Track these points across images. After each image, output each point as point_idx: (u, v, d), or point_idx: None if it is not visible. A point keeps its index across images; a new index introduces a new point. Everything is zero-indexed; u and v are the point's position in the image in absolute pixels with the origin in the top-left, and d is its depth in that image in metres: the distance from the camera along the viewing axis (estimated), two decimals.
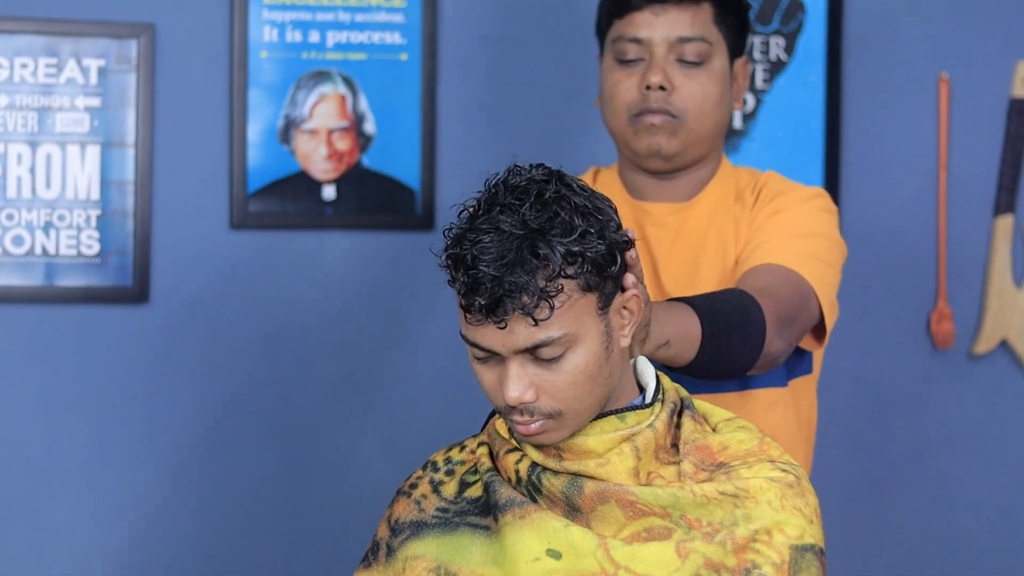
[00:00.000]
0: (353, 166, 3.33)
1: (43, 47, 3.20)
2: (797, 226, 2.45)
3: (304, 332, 3.34)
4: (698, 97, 2.48)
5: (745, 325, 2.21)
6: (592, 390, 1.88)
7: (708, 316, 2.16)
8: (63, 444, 3.24)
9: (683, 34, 2.47)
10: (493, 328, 1.83)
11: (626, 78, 2.51)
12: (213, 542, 3.31)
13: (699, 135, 2.50)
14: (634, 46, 2.50)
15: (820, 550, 1.89)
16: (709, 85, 2.49)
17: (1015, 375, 3.63)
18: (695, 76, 2.49)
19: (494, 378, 1.88)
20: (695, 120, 2.49)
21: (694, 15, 2.48)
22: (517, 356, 1.85)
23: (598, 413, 1.92)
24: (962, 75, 3.58)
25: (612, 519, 1.88)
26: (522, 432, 1.89)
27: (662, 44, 2.48)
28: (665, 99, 2.48)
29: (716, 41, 2.50)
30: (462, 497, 2.00)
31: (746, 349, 2.22)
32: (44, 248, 3.21)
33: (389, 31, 3.34)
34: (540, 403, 1.87)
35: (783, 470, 1.92)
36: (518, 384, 1.85)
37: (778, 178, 2.58)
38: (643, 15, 2.49)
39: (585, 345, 1.86)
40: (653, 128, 2.49)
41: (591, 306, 1.85)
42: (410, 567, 1.96)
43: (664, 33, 2.47)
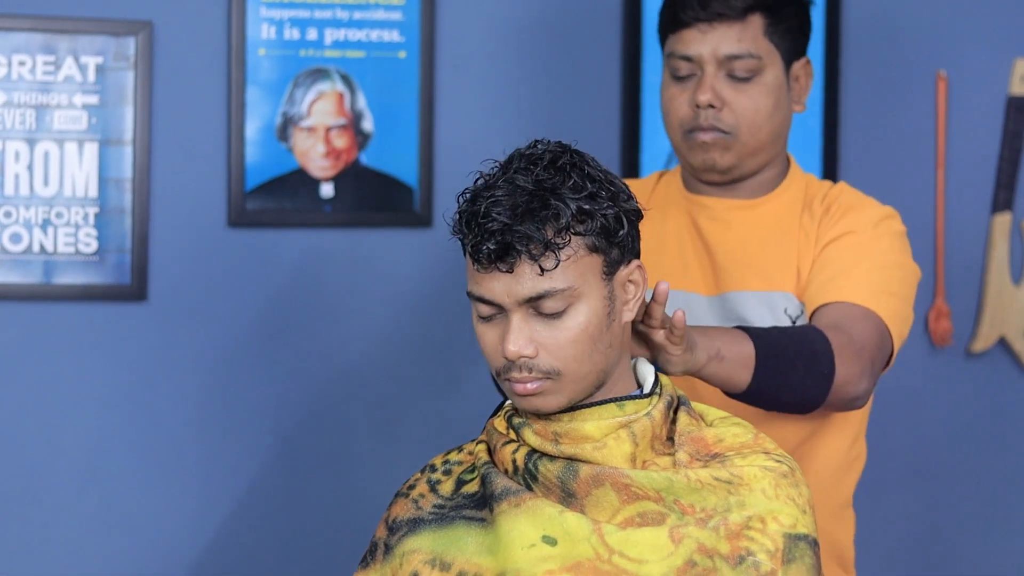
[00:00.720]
0: (351, 164, 3.33)
1: (41, 44, 3.20)
2: (871, 256, 2.43)
3: (302, 330, 3.34)
4: (749, 112, 2.47)
5: (809, 354, 2.20)
6: (591, 353, 1.91)
7: (762, 340, 2.16)
8: (61, 441, 3.24)
9: (731, 51, 2.46)
10: (499, 277, 1.88)
11: (679, 94, 2.51)
12: (210, 540, 3.31)
13: (753, 148, 2.50)
14: (685, 63, 2.49)
15: (813, 540, 1.90)
16: (760, 99, 2.48)
17: (1013, 373, 3.63)
18: (746, 91, 2.47)
19: (496, 337, 1.92)
20: (748, 134, 2.48)
21: (742, 31, 2.46)
22: (520, 309, 1.89)
23: (594, 390, 1.94)
24: (960, 73, 3.58)
25: (606, 503, 1.89)
26: (519, 392, 1.91)
27: (711, 61, 2.47)
28: (716, 116, 2.47)
29: (767, 54, 2.48)
30: (458, 493, 2.01)
31: (812, 378, 2.20)
32: (42, 246, 3.21)
33: (387, 29, 3.34)
34: (539, 360, 1.89)
35: (777, 460, 1.94)
36: (519, 337, 1.89)
37: (850, 191, 2.56)
38: (692, 32, 2.47)
39: (588, 304, 1.90)
40: (705, 145, 2.48)
41: (596, 267, 1.90)
42: (407, 561, 1.97)
43: (712, 49, 2.46)
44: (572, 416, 1.94)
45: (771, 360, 2.16)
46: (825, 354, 2.21)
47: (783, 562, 1.86)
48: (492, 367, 1.94)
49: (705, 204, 2.57)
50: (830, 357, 2.21)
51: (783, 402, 2.23)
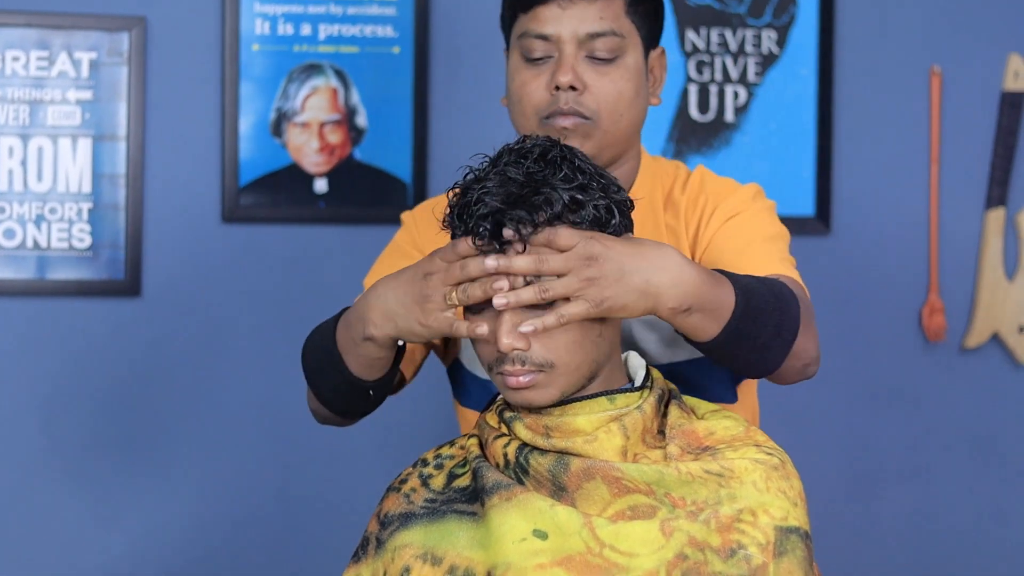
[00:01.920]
0: (345, 159, 3.33)
1: (34, 40, 3.20)
2: (761, 231, 2.30)
3: (296, 325, 3.33)
4: (612, 96, 2.28)
5: (781, 317, 2.06)
6: (583, 344, 1.90)
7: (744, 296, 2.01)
8: (55, 436, 3.24)
9: (593, 29, 2.27)
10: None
11: (533, 78, 2.31)
12: (204, 535, 3.31)
13: (614, 136, 2.31)
14: (541, 43, 2.30)
15: (805, 533, 1.89)
16: (623, 82, 2.29)
17: (1006, 368, 3.63)
18: (607, 73, 2.29)
19: (489, 329, 1.91)
20: (609, 121, 2.29)
21: (604, 7, 2.28)
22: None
23: (586, 383, 1.94)
24: (954, 68, 3.58)
25: (597, 497, 1.89)
26: (511, 386, 1.90)
27: (571, 40, 2.28)
28: (576, 100, 2.27)
29: (629, 34, 2.30)
30: (450, 487, 2.01)
31: (777, 343, 2.06)
32: (36, 241, 3.21)
33: (381, 24, 3.34)
34: (532, 352, 1.89)
35: (768, 453, 1.93)
36: (512, 330, 1.88)
37: (712, 177, 2.40)
38: (549, 9, 2.28)
39: None
40: (565, 132, 2.28)
41: None
42: (398, 556, 1.96)
43: (572, 28, 2.27)
44: (563, 410, 1.93)
45: (747, 320, 2.01)
46: (794, 319, 2.08)
47: (774, 555, 1.86)
48: (484, 361, 1.93)
49: None
50: (796, 321, 2.08)
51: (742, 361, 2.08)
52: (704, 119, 3.50)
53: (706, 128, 3.50)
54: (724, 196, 2.34)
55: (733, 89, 3.51)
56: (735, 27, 3.50)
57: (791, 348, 2.09)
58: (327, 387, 2.20)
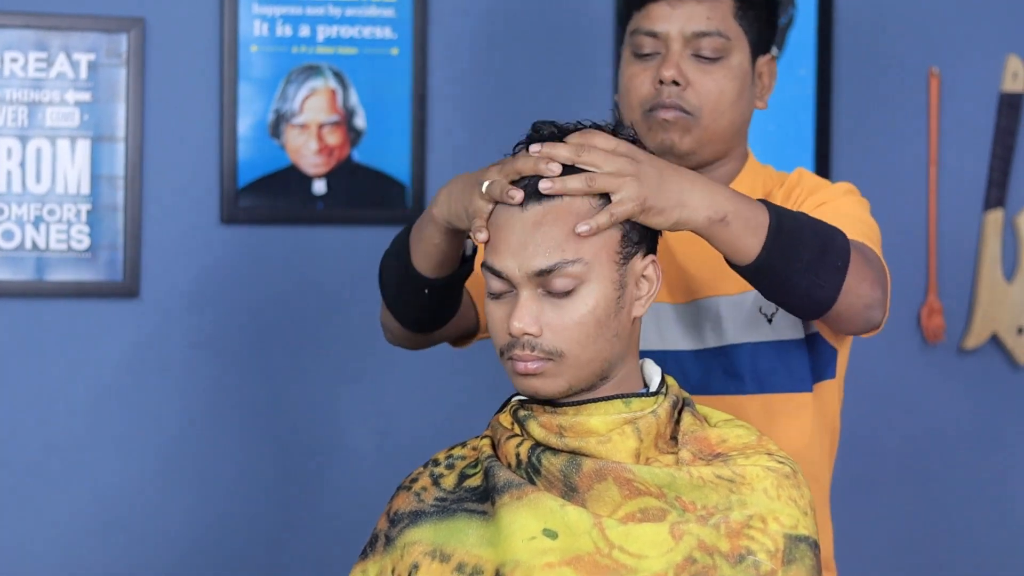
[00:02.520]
0: (343, 161, 3.33)
1: (33, 41, 3.19)
2: (848, 214, 2.33)
3: (295, 327, 3.34)
4: (713, 94, 2.39)
5: (826, 242, 2.06)
6: (596, 338, 1.91)
7: (778, 212, 2.03)
8: (53, 438, 3.24)
9: (699, 28, 2.38)
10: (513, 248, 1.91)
11: (641, 72, 2.43)
12: (204, 536, 3.31)
13: (714, 133, 2.41)
14: (650, 40, 2.41)
15: (814, 543, 1.90)
16: (725, 82, 2.39)
17: (1005, 369, 3.64)
18: (711, 72, 2.39)
19: (503, 314, 1.94)
20: (710, 117, 2.39)
21: (712, 8, 2.39)
22: (529, 285, 1.91)
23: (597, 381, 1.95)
24: (952, 69, 3.59)
25: (608, 498, 1.90)
26: (520, 371, 1.92)
27: (678, 38, 2.39)
28: (679, 95, 2.38)
29: (736, 36, 2.40)
30: (461, 487, 2.02)
31: (826, 269, 2.06)
32: (34, 242, 3.20)
33: (379, 26, 3.34)
34: (543, 339, 1.91)
35: (780, 462, 1.94)
36: (525, 315, 1.90)
37: (810, 176, 2.48)
38: (660, 7, 2.40)
39: (597, 286, 1.91)
40: (666, 124, 2.39)
41: (612, 246, 1.92)
42: (408, 553, 1.97)
43: (680, 26, 2.39)
44: (578, 410, 1.94)
45: (784, 233, 2.02)
46: (843, 248, 2.08)
47: (783, 563, 1.87)
48: (496, 345, 1.95)
49: None
50: (846, 250, 2.08)
51: (793, 287, 2.06)
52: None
53: None
54: (815, 189, 2.42)
55: None
56: None
57: (844, 277, 2.08)
58: (392, 282, 2.28)
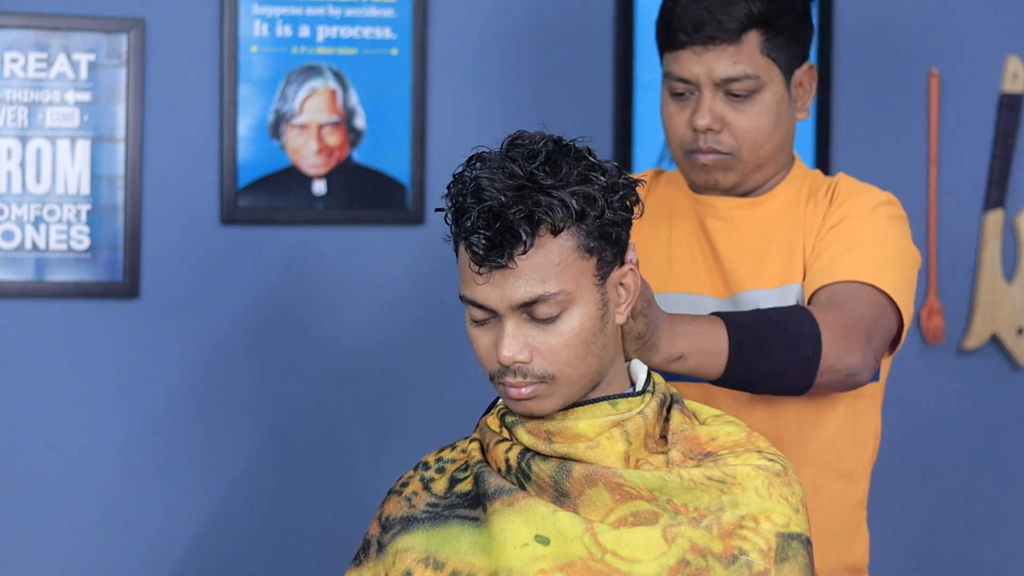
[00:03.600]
0: (343, 161, 3.33)
1: (33, 42, 3.20)
2: (867, 237, 2.39)
3: (295, 327, 3.34)
4: (750, 132, 2.42)
5: (791, 336, 2.16)
6: (585, 356, 1.90)
7: (738, 329, 2.13)
8: (53, 439, 3.24)
9: (727, 73, 2.40)
10: (494, 280, 1.87)
11: (678, 112, 2.46)
12: (202, 537, 3.31)
13: (755, 165, 2.45)
14: (682, 84, 2.43)
15: (806, 539, 1.90)
16: (760, 118, 2.42)
17: (1005, 370, 3.64)
18: (745, 110, 2.42)
19: (489, 341, 1.91)
20: (749, 152, 2.43)
21: (737, 52, 2.40)
22: (514, 315, 1.88)
23: (589, 391, 1.94)
24: (952, 70, 3.58)
25: (599, 503, 1.89)
26: (513, 396, 1.91)
27: (708, 84, 2.41)
28: (715, 139, 2.42)
29: (766, 71, 2.42)
30: (452, 492, 2.01)
31: (796, 363, 2.17)
32: (34, 243, 3.21)
33: (379, 26, 3.34)
34: (534, 365, 1.89)
35: (770, 459, 1.94)
36: (513, 343, 1.88)
37: (849, 180, 2.51)
38: (686, 54, 2.41)
39: (581, 308, 1.89)
40: (707, 167, 2.44)
41: (589, 271, 1.89)
42: (400, 559, 1.97)
43: (708, 72, 2.40)
44: (565, 415, 1.93)
45: (746, 349, 2.13)
46: (810, 334, 2.17)
47: (776, 561, 1.86)
48: (486, 371, 1.93)
49: (711, 204, 2.52)
50: (816, 337, 2.17)
51: (765, 387, 2.21)
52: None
53: None
54: (851, 196, 2.46)
55: None
56: None
57: (817, 363, 2.18)
58: None
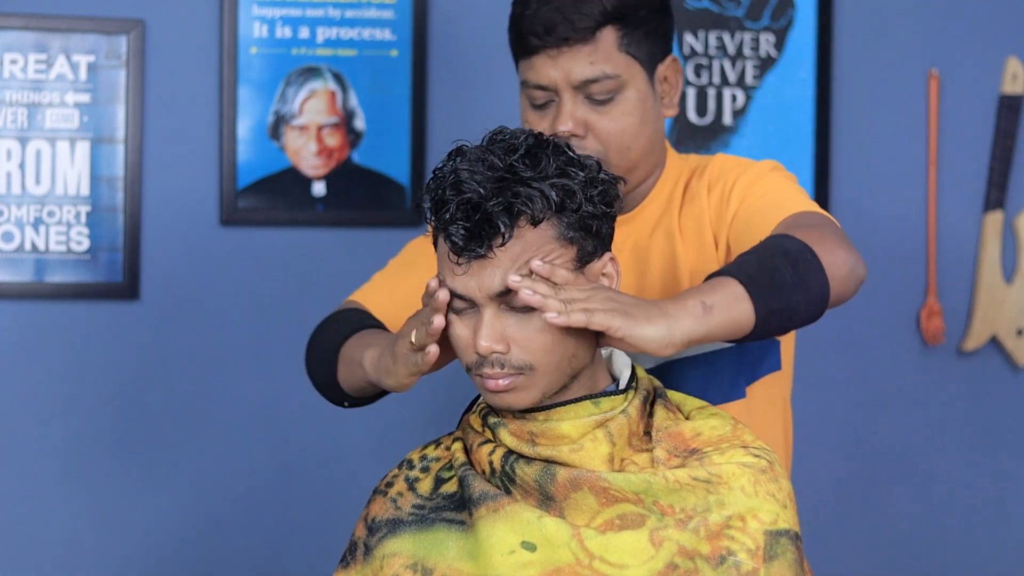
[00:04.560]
0: (343, 162, 3.34)
1: (33, 43, 3.20)
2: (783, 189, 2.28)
3: (294, 328, 3.34)
4: (615, 135, 2.30)
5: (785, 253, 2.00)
6: (563, 344, 1.88)
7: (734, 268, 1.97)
8: (53, 440, 3.25)
9: (585, 75, 2.28)
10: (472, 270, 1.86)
11: (539, 121, 2.34)
12: (202, 538, 3.31)
13: (626, 168, 2.33)
14: (540, 91, 2.33)
15: (795, 534, 1.89)
16: (624, 118, 2.30)
17: (1004, 371, 3.63)
18: (608, 112, 2.30)
19: (468, 332, 1.90)
20: (617, 155, 2.31)
21: (593, 51, 2.28)
22: (491, 304, 1.87)
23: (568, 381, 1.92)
24: (952, 71, 3.58)
25: (585, 507, 1.88)
26: (491, 388, 1.89)
27: (566, 88, 2.30)
28: (580, 144, 2.29)
29: (625, 69, 2.30)
30: (437, 493, 2.00)
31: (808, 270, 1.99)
32: (34, 244, 3.21)
33: (379, 27, 3.35)
34: (511, 355, 1.87)
35: (756, 455, 1.91)
36: (490, 332, 1.87)
37: (733, 161, 2.38)
38: (541, 59, 2.30)
39: None
40: None
41: (568, 260, 1.88)
42: (387, 564, 1.96)
43: (565, 76, 2.29)
44: (547, 415, 1.92)
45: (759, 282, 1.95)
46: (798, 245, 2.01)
47: (764, 560, 1.85)
48: (464, 362, 1.92)
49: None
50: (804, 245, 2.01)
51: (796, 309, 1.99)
52: (702, 122, 3.50)
53: (704, 131, 3.50)
54: (740, 173, 2.32)
55: (731, 92, 3.51)
56: (733, 30, 3.50)
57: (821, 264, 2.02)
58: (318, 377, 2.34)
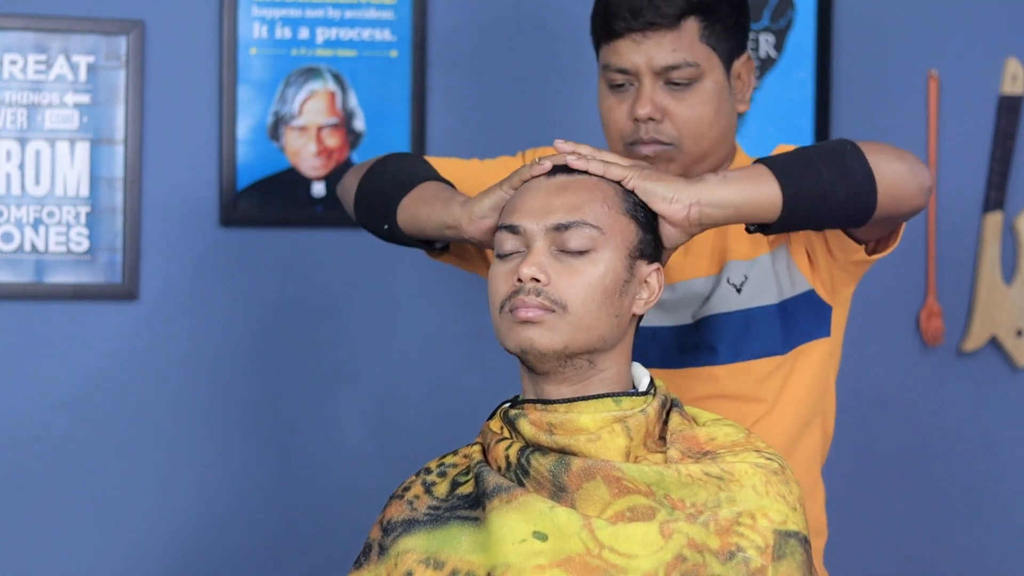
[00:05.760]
0: (343, 163, 3.33)
1: (32, 44, 3.20)
2: None
3: (293, 329, 3.34)
4: (691, 121, 2.39)
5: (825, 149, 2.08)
6: (601, 306, 1.94)
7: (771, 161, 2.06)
8: (52, 441, 3.24)
9: (667, 62, 2.36)
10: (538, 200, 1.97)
11: (617, 105, 2.42)
12: (201, 539, 3.31)
13: (698, 156, 2.42)
14: (621, 74, 2.40)
15: (804, 538, 1.91)
16: (700, 106, 2.39)
17: (1004, 372, 3.64)
18: (686, 99, 2.38)
19: (510, 269, 1.97)
20: (691, 143, 2.40)
21: (676, 39, 2.36)
22: (545, 240, 1.95)
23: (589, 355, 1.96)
24: (952, 72, 3.59)
25: (597, 497, 1.90)
26: (520, 316, 1.93)
27: (647, 72, 2.38)
28: (656, 129, 2.38)
29: (705, 59, 2.39)
30: (453, 495, 2.02)
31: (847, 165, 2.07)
32: (33, 245, 3.21)
33: (379, 28, 3.35)
34: (550, 288, 1.93)
35: (768, 458, 1.95)
36: (537, 261, 1.94)
37: None
38: (625, 43, 2.38)
39: (610, 258, 1.95)
40: (648, 159, 2.39)
41: (627, 237, 1.97)
42: (401, 561, 1.97)
43: (647, 60, 2.37)
44: (568, 408, 1.95)
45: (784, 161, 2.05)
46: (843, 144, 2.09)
47: (773, 558, 1.87)
48: (496, 299, 1.97)
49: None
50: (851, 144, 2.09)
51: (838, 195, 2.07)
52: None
53: None
54: None
55: None
56: None
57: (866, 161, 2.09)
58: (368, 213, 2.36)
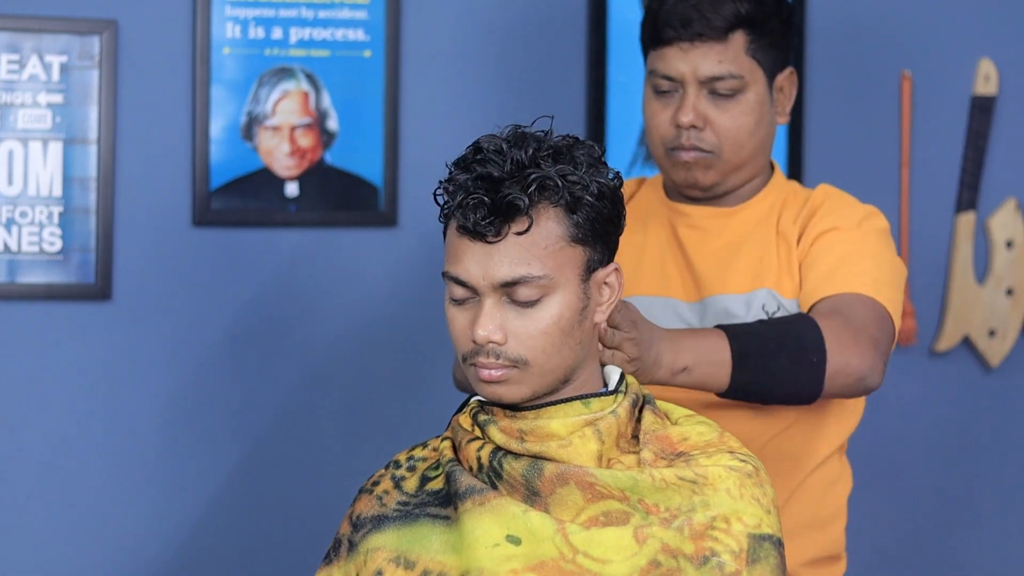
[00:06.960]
0: (316, 163, 3.33)
1: (5, 43, 3.19)
2: (861, 250, 2.43)
3: (267, 329, 3.33)
4: (732, 131, 2.46)
5: (795, 345, 2.22)
6: (560, 347, 1.91)
7: (741, 338, 2.19)
8: (24, 442, 3.23)
9: (712, 72, 2.44)
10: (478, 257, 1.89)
11: (661, 110, 2.49)
12: (177, 541, 3.30)
13: (736, 165, 2.49)
14: (666, 81, 2.47)
15: (778, 540, 1.91)
16: (743, 117, 2.47)
17: (977, 372, 3.65)
18: (728, 109, 2.46)
19: (466, 321, 1.92)
20: (730, 151, 2.48)
21: (723, 51, 2.44)
22: (494, 294, 1.90)
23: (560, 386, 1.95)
24: (924, 72, 3.59)
25: (570, 502, 1.89)
26: (484, 379, 1.91)
27: (692, 81, 2.45)
28: (697, 136, 2.46)
29: (750, 71, 2.47)
30: (423, 490, 2.01)
31: (802, 369, 2.22)
32: (6, 245, 3.20)
33: (352, 28, 3.34)
34: (508, 347, 1.90)
35: (742, 460, 1.94)
36: (489, 322, 1.89)
37: (832, 191, 2.55)
38: (672, 51, 2.46)
39: (563, 296, 1.91)
40: (688, 164, 2.48)
41: (576, 263, 1.91)
42: (371, 558, 1.97)
43: (693, 70, 2.45)
44: (537, 414, 1.94)
45: (750, 358, 2.18)
46: (814, 341, 2.22)
47: (747, 562, 1.87)
48: (459, 351, 1.94)
49: (685, 212, 2.57)
50: (820, 344, 2.22)
51: (773, 397, 2.25)
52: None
53: None
54: (836, 208, 2.49)
55: None
56: None
57: (824, 368, 2.23)
58: None
